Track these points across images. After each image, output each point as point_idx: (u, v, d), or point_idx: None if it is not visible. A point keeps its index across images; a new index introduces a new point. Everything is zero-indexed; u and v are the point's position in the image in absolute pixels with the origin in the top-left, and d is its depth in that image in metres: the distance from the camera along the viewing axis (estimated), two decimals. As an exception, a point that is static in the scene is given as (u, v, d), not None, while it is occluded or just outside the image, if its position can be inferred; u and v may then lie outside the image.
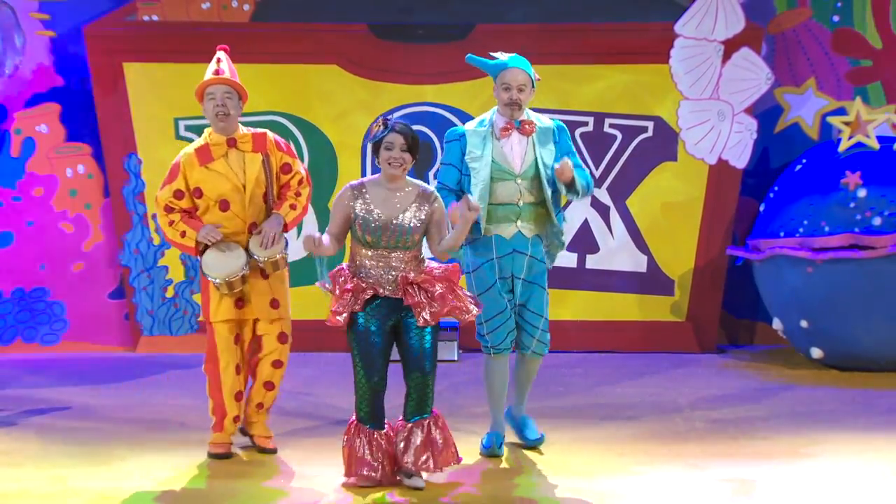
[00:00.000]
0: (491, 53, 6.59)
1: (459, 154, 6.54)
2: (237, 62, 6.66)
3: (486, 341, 6.55)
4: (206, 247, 6.49)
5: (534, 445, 6.66)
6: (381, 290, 6.02)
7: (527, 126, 6.47)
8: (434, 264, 6.13)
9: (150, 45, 9.65)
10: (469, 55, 6.65)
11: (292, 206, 6.64)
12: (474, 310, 6.06)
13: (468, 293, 6.14)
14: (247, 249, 6.50)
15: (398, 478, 6.02)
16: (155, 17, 9.71)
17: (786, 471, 6.27)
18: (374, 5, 9.77)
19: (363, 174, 9.73)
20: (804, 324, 8.93)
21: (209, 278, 6.44)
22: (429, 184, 6.38)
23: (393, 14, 9.77)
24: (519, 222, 6.46)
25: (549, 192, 6.47)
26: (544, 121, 6.60)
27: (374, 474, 5.97)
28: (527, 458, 6.56)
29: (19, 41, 9.70)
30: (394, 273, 6.02)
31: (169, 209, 6.53)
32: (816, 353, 8.97)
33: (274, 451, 6.65)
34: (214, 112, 6.51)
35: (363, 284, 6.03)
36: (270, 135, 6.69)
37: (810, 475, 6.20)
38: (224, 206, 6.51)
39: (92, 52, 9.65)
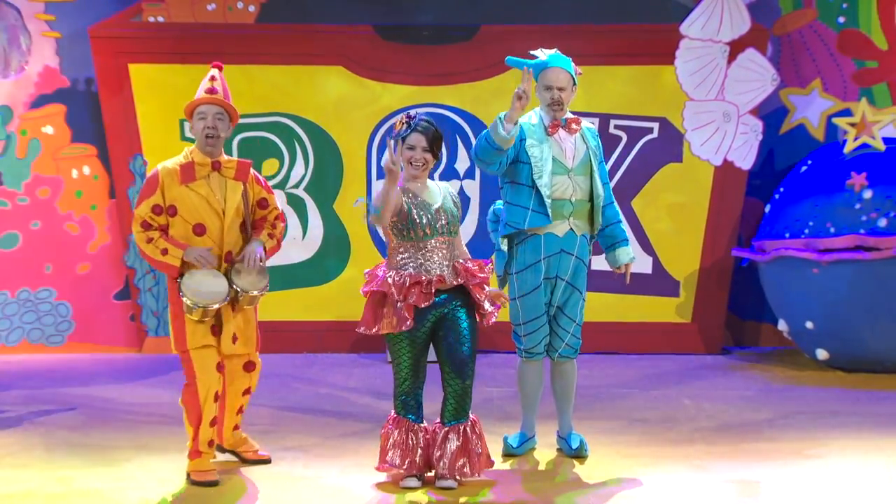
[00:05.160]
0: (530, 52, 6.55)
1: (517, 138, 6.41)
2: (242, 63, 6.69)
3: (521, 343, 6.55)
4: (185, 268, 6.17)
5: (576, 455, 6.60)
6: (447, 280, 6.01)
7: (573, 125, 6.48)
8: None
9: (155, 47, 9.66)
10: (509, 57, 6.60)
11: (270, 236, 6.38)
12: (494, 312, 6.12)
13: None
14: (227, 278, 6.20)
15: (433, 476, 6.04)
16: (160, 19, 9.72)
17: (791, 472, 6.26)
18: (380, 7, 9.77)
19: (368, 175, 9.75)
20: (810, 325, 8.92)
21: (187, 301, 6.09)
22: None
23: (398, 15, 9.77)
24: (572, 219, 6.47)
25: (599, 185, 6.49)
26: (587, 124, 6.65)
27: (402, 467, 5.99)
28: (533, 460, 6.56)
29: (25, 42, 9.71)
30: (448, 261, 6.05)
31: (147, 225, 6.18)
32: (822, 354, 8.96)
33: (268, 460, 6.53)
34: (204, 133, 6.24)
35: (424, 279, 5.97)
36: (251, 169, 6.42)
37: (816, 476, 6.19)
38: (200, 230, 6.21)
39: (97, 54, 9.66)
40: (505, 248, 6.58)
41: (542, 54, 6.52)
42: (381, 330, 5.99)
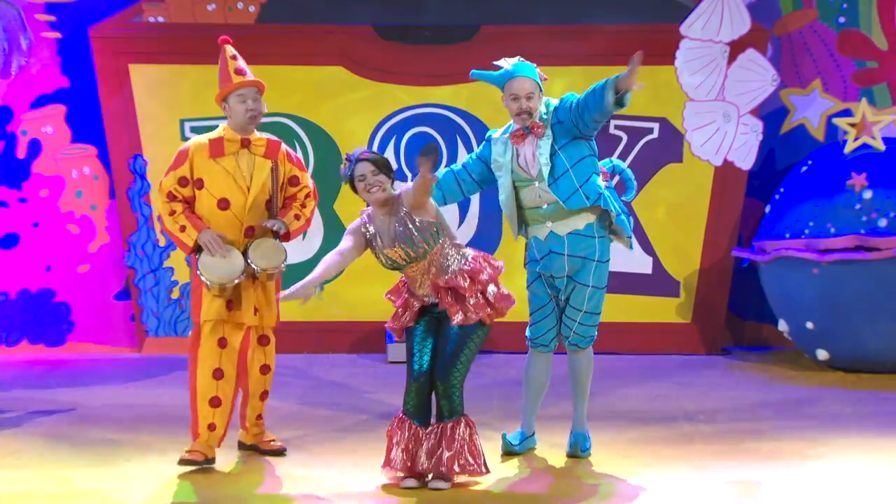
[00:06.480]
0: (494, 63, 6.53)
1: (488, 154, 6.56)
2: (242, 64, 6.73)
3: (528, 333, 6.63)
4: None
5: (571, 455, 6.60)
6: (426, 300, 6.10)
7: (537, 129, 6.43)
8: (471, 264, 6.10)
9: (155, 47, 9.66)
10: (473, 71, 6.60)
11: (297, 217, 6.53)
12: (497, 315, 6.10)
13: (501, 293, 6.12)
14: (244, 254, 6.37)
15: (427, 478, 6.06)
16: (160, 19, 9.72)
17: (791, 473, 6.26)
18: (380, 7, 9.77)
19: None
20: (810, 325, 8.92)
21: (203, 279, 6.32)
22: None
23: (398, 15, 9.77)
24: (549, 223, 6.45)
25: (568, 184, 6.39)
26: (552, 105, 6.50)
27: (401, 469, 6.00)
28: (535, 460, 6.56)
29: (25, 42, 9.72)
30: (428, 282, 6.07)
31: (172, 197, 6.39)
32: (822, 354, 8.96)
33: (284, 451, 6.63)
34: (248, 115, 6.43)
35: (412, 299, 6.13)
36: (284, 146, 6.61)
37: (816, 477, 6.19)
38: (223, 204, 6.39)
39: (98, 54, 9.65)
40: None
41: (506, 63, 6.49)
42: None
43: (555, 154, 6.38)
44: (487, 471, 6.10)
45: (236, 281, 6.33)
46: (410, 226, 5.99)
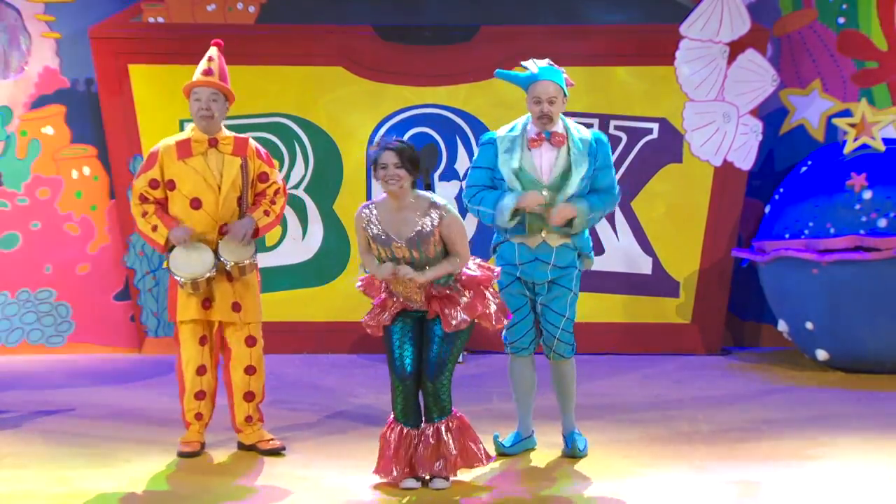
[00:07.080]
0: (521, 63, 6.52)
1: (493, 157, 6.49)
2: (242, 63, 6.74)
3: (506, 338, 6.61)
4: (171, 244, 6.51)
5: (570, 455, 6.59)
6: (410, 306, 6.08)
7: (557, 138, 6.42)
8: (467, 271, 6.09)
9: (155, 47, 9.65)
10: (498, 70, 6.57)
11: (266, 213, 6.62)
12: (498, 320, 6.06)
13: (498, 301, 6.12)
14: (215, 251, 6.50)
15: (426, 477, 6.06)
16: (160, 19, 9.71)
17: (791, 473, 6.26)
18: (380, 7, 9.78)
19: (368, 176, 9.73)
20: (809, 325, 8.92)
21: (175, 276, 6.45)
22: (434, 186, 6.38)
23: (398, 16, 9.77)
24: (544, 233, 6.44)
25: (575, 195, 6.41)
26: (583, 132, 6.52)
27: (394, 472, 6.01)
28: (533, 460, 6.57)
29: (25, 43, 9.71)
30: (419, 287, 6.02)
31: (143, 199, 6.54)
32: (822, 354, 8.96)
33: (282, 449, 6.65)
34: (199, 114, 6.53)
35: (392, 299, 6.10)
36: (252, 142, 6.68)
37: (816, 477, 6.20)
38: (196, 203, 6.51)
39: (97, 54, 9.65)
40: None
41: (533, 66, 6.47)
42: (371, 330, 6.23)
43: (583, 178, 6.41)
44: (490, 457, 6.14)
45: (207, 275, 6.43)
46: (431, 239, 5.96)
